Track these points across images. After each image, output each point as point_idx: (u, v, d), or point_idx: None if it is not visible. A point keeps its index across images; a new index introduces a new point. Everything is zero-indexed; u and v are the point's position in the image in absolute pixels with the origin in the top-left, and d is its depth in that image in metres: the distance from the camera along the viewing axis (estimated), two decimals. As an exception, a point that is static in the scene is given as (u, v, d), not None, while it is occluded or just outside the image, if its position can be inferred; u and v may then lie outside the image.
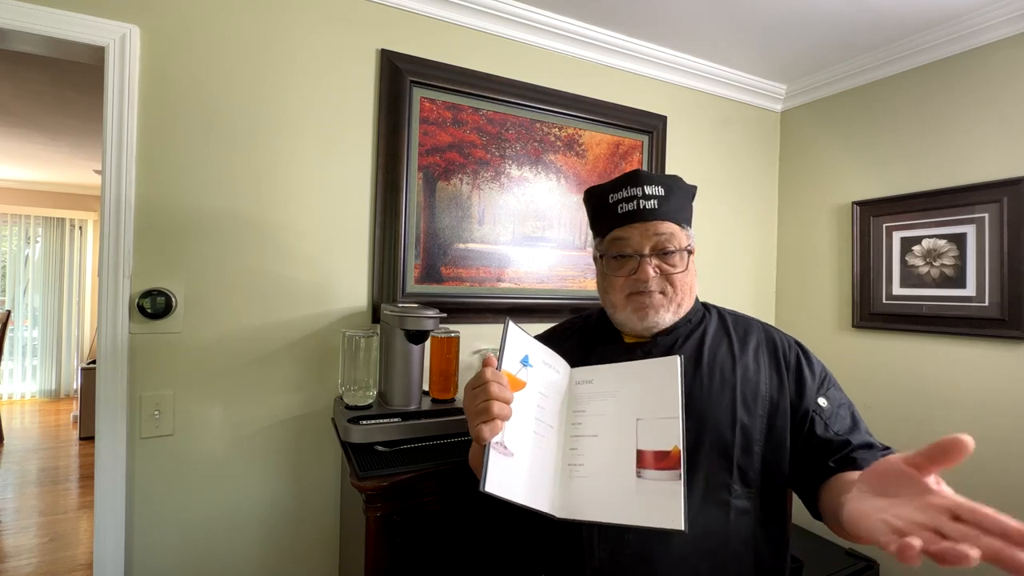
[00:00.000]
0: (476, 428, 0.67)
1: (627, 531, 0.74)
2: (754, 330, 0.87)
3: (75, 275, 5.15)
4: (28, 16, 1.13)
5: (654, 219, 0.81)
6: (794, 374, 0.81)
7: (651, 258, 0.82)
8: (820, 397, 0.80)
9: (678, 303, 0.83)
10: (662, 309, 0.82)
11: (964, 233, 1.66)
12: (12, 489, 3.01)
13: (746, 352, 0.83)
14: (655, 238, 0.81)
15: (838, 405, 0.80)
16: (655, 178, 0.83)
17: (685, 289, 0.83)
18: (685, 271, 0.82)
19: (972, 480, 1.61)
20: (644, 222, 0.82)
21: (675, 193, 0.83)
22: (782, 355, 0.83)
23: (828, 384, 0.82)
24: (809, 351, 0.86)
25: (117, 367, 1.20)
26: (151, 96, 1.23)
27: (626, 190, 0.83)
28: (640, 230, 0.82)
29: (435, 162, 1.55)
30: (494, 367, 0.70)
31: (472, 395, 0.70)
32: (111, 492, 1.19)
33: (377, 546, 0.97)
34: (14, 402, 4.95)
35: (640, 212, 0.81)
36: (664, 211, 0.82)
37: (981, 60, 1.62)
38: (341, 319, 1.43)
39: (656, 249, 0.82)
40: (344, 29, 1.43)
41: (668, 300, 0.82)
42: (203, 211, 1.28)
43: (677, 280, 0.82)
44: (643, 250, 0.82)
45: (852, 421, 0.79)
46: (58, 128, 3.11)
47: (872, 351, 1.89)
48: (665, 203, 0.82)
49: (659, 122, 1.93)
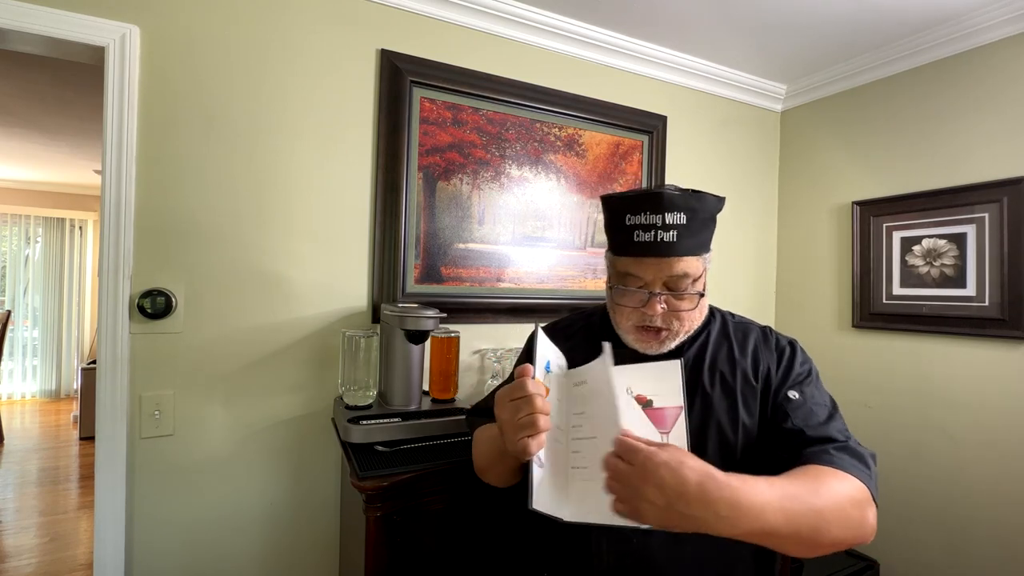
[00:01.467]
0: (521, 442, 0.64)
1: (634, 535, 0.74)
2: (752, 331, 0.88)
3: (75, 275, 5.15)
4: (28, 16, 1.13)
5: (671, 255, 0.76)
6: (786, 362, 0.83)
7: (661, 295, 0.78)
8: (792, 390, 0.79)
9: (685, 332, 0.81)
10: (667, 341, 0.81)
11: (964, 233, 1.66)
12: (12, 489, 3.01)
13: (745, 354, 0.84)
14: (668, 275, 0.77)
15: (814, 402, 0.78)
16: (679, 202, 0.75)
17: (693, 320, 0.81)
18: (694, 306, 0.80)
19: (972, 480, 1.61)
20: (659, 257, 0.76)
21: (698, 217, 0.77)
22: (774, 345, 0.85)
23: (809, 381, 0.81)
24: (802, 349, 0.86)
25: (117, 367, 1.20)
26: (151, 96, 1.23)
27: (644, 215, 0.76)
28: (654, 266, 0.77)
29: (435, 162, 1.55)
30: (530, 376, 0.68)
31: (513, 407, 0.66)
32: (111, 492, 1.19)
33: (377, 546, 0.97)
34: (14, 402, 4.95)
35: (657, 245, 0.76)
36: (684, 245, 0.76)
37: (981, 60, 1.62)
38: (341, 319, 1.43)
39: (668, 286, 0.78)
40: (344, 29, 1.43)
41: (673, 333, 0.80)
42: (203, 211, 1.28)
43: (684, 316, 0.79)
44: (655, 287, 0.78)
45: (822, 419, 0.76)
46: (58, 128, 3.10)
47: (872, 351, 1.89)
48: (686, 234, 0.76)
49: (659, 122, 1.93)
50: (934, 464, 1.70)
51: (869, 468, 0.70)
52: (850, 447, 0.72)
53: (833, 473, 0.67)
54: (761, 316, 2.19)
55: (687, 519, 0.58)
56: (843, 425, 0.77)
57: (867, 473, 0.69)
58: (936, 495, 1.69)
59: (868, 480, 0.68)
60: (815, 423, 0.75)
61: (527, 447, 0.63)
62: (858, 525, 0.65)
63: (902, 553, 1.76)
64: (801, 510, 0.61)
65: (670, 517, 0.58)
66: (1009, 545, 1.53)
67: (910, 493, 1.75)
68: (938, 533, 1.68)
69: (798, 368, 0.82)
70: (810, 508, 0.62)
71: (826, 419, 0.76)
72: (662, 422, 0.72)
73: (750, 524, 0.58)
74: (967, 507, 1.62)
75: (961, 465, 1.64)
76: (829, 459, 0.69)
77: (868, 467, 0.70)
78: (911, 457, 1.76)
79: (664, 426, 0.72)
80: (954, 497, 1.65)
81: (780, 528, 0.60)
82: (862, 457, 0.71)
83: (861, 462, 0.70)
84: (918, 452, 1.74)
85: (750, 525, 0.58)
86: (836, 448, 0.71)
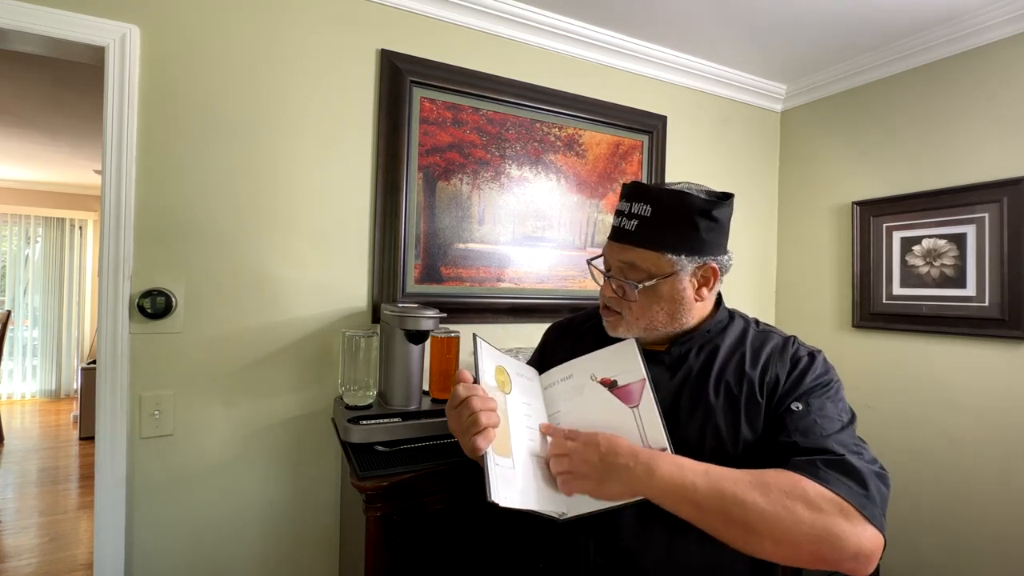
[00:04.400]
0: (470, 441, 0.69)
1: (620, 536, 0.74)
2: (771, 340, 0.81)
3: (75, 275, 5.15)
4: (28, 16, 1.13)
5: (626, 242, 0.79)
6: (799, 373, 0.76)
7: (615, 279, 0.81)
8: (797, 401, 0.72)
9: (644, 326, 0.80)
10: (621, 327, 0.82)
11: (964, 233, 1.65)
12: (12, 489, 3.01)
13: (756, 365, 0.78)
14: (619, 262, 0.81)
15: (821, 415, 0.70)
16: (650, 194, 0.77)
17: (650, 314, 0.79)
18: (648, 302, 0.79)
19: (972, 480, 1.61)
20: (617, 242, 0.81)
21: (665, 213, 0.76)
22: (791, 355, 0.78)
23: (822, 393, 0.74)
24: (824, 360, 0.79)
25: (117, 367, 1.20)
26: (151, 96, 1.23)
27: (623, 202, 0.81)
28: (613, 250, 0.82)
29: (435, 162, 1.55)
30: (466, 382, 0.73)
31: (455, 414, 0.72)
32: (111, 492, 1.19)
33: (377, 546, 0.97)
34: (14, 402, 4.95)
35: (618, 231, 0.81)
36: (639, 235, 0.77)
37: (981, 60, 1.62)
38: (341, 319, 1.43)
39: (622, 273, 0.80)
40: (344, 29, 1.43)
41: (627, 323, 0.81)
42: (203, 211, 1.28)
43: (634, 307, 0.80)
44: (609, 269, 0.83)
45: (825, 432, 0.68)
46: (58, 128, 3.10)
47: (872, 351, 1.89)
48: (645, 226, 0.77)
49: (659, 122, 1.93)
50: (934, 464, 1.70)
51: (865, 487, 0.61)
52: (847, 462, 0.63)
53: (798, 478, 0.61)
54: (761, 316, 2.17)
55: (613, 471, 0.66)
56: (851, 439, 0.68)
57: (854, 491, 0.60)
58: (936, 495, 1.69)
59: (852, 496, 0.60)
60: (814, 435, 0.67)
61: (475, 445, 0.68)
62: (819, 535, 0.58)
63: (901, 553, 1.76)
64: (730, 488, 0.61)
65: (600, 472, 0.67)
66: (1010, 545, 1.53)
67: (909, 493, 1.75)
68: (937, 533, 1.68)
69: (811, 380, 0.75)
70: (742, 490, 0.60)
71: (830, 432, 0.68)
72: (629, 398, 0.75)
73: (671, 480, 0.63)
74: (967, 507, 1.62)
75: (961, 465, 1.64)
76: (811, 471, 0.62)
77: (863, 486, 0.61)
78: (911, 457, 1.76)
79: (632, 401, 0.75)
80: (954, 497, 1.65)
81: (703, 497, 0.61)
82: (857, 474, 0.62)
83: (853, 479, 0.61)
84: (918, 452, 1.74)
85: (670, 482, 0.63)
86: (826, 462, 0.63)
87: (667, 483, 0.63)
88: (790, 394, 0.74)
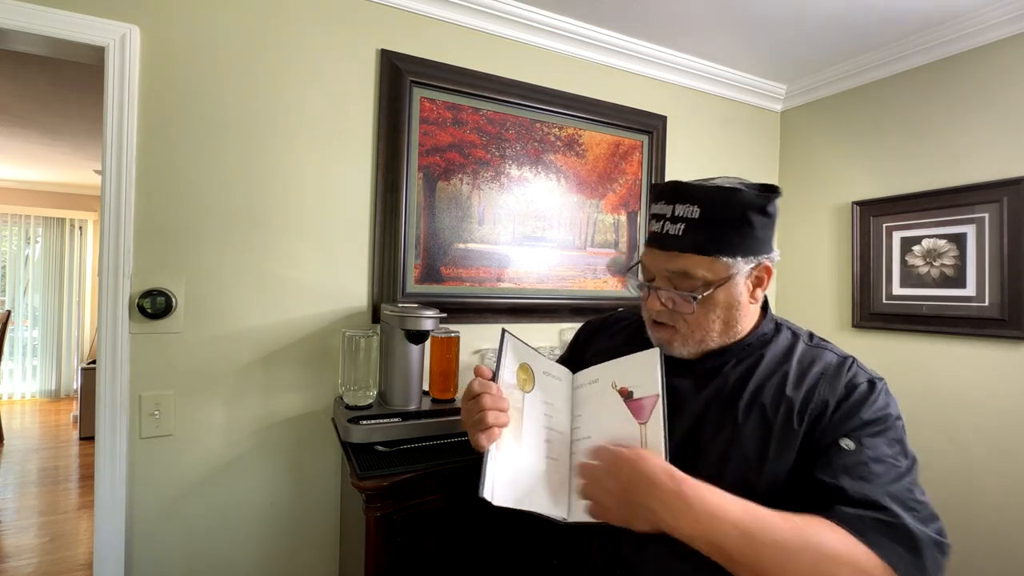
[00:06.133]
0: (474, 437, 0.69)
1: (620, 546, 0.74)
2: (824, 359, 0.72)
3: (75, 275, 5.15)
4: (28, 16, 1.12)
5: (673, 249, 0.70)
6: (853, 402, 0.67)
7: (662, 290, 0.73)
8: (848, 437, 0.63)
9: (699, 340, 0.73)
10: (677, 342, 0.74)
11: (964, 233, 1.65)
12: (12, 489, 3.01)
13: (800, 386, 0.69)
14: (666, 271, 0.72)
15: (875, 458, 0.61)
16: (695, 194, 0.69)
17: (706, 326, 0.72)
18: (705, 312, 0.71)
19: (972, 480, 1.61)
20: (663, 250, 0.72)
21: (716, 213, 0.68)
22: (847, 379, 0.69)
23: (879, 432, 0.64)
24: (887, 392, 0.69)
25: (117, 367, 1.20)
26: (151, 96, 1.23)
27: (660, 205, 0.73)
28: (657, 258, 0.73)
29: (435, 162, 1.55)
30: (483, 378, 0.73)
31: (467, 408, 0.73)
32: (111, 492, 1.19)
33: (377, 546, 0.97)
34: (14, 402, 4.95)
35: (662, 237, 0.72)
36: (688, 240, 0.69)
37: (981, 60, 1.62)
38: (341, 319, 1.43)
39: (670, 283, 0.72)
40: (344, 29, 1.43)
41: (683, 336, 0.73)
42: (203, 211, 1.28)
43: (690, 320, 0.72)
44: (659, 281, 0.74)
45: (881, 479, 0.60)
46: (58, 128, 3.10)
47: (872, 351, 1.89)
48: (695, 228, 0.68)
49: (659, 122, 1.93)
50: (933, 464, 1.70)
51: (920, 555, 0.54)
52: (902, 527, 0.55)
53: (846, 536, 0.55)
54: (761, 316, 2.19)
55: (638, 508, 0.60)
56: (907, 492, 0.59)
57: (905, 559, 0.54)
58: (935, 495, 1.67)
59: (901, 564, 0.53)
60: (865, 483, 0.59)
61: (478, 440, 0.69)
62: None
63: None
64: (767, 539, 0.54)
65: (624, 507, 0.62)
66: (1010, 544, 1.53)
67: (910, 493, 1.75)
68: (938, 533, 1.68)
69: (868, 413, 0.66)
70: (780, 543, 0.54)
71: (887, 480, 0.60)
72: (640, 413, 0.71)
73: (698, 527, 0.56)
74: (967, 507, 1.62)
75: (961, 465, 1.64)
76: (859, 529, 0.55)
77: (918, 554, 0.54)
78: (911, 457, 1.76)
79: (642, 417, 0.71)
80: (954, 497, 1.65)
81: (735, 548, 0.55)
82: (913, 541, 0.54)
83: (907, 546, 0.54)
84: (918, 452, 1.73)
85: (698, 528, 0.56)
86: (878, 522, 0.56)
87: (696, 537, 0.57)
88: (840, 426, 0.65)
